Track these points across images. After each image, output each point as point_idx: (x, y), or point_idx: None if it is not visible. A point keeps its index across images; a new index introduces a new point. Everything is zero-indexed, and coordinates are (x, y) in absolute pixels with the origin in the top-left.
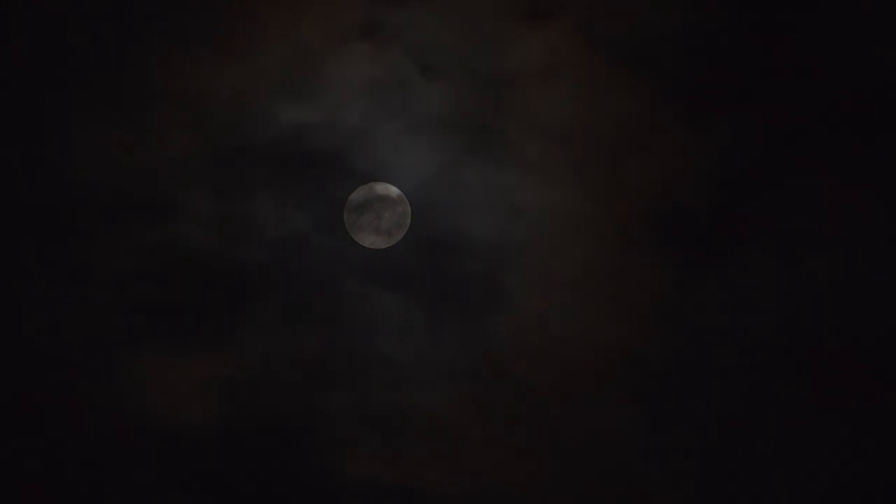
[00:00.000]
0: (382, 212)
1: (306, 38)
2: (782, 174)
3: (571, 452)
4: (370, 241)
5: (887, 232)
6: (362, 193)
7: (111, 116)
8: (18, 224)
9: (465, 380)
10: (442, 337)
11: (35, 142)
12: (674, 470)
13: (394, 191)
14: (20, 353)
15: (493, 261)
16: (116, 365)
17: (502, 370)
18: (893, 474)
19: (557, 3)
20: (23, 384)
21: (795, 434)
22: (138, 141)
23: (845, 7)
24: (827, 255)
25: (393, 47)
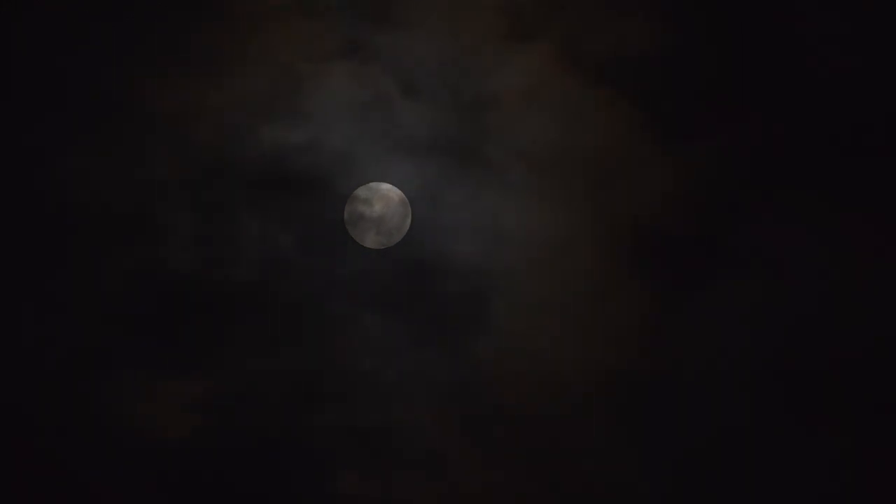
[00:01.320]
0: (385, 212)
1: (290, 60)
2: (767, 195)
3: (557, 473)
4: (374, 240)
5: (872, 252)
6: (366, 192)
7: (95, 138)
8: (1, 244)
9: (451, 400)
10: (427, 357)
11: (18, 163)
12: (660, 491)
13: (396, 192)
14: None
15: (478, 282)
16: (100, 385)
17: (488, 391)
18: (881, 493)
19: (541, 24)
20: (6, 401)
21: (782, 454)
22: (123, 162)
23: (831, 30)
24: (811, 276)
25: (376, 68)
